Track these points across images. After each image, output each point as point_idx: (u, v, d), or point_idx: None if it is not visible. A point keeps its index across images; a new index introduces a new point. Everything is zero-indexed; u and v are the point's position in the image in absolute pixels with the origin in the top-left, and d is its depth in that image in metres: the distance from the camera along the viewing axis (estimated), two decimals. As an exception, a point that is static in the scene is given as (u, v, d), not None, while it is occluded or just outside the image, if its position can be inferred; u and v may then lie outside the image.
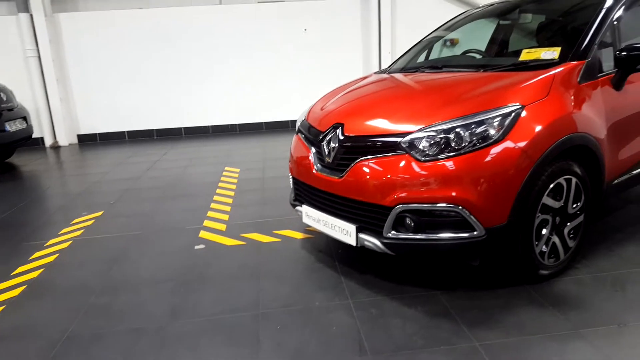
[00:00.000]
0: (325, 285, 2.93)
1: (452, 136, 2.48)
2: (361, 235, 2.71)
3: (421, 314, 2.55)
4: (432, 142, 2.50)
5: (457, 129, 2.48)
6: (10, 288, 3.14)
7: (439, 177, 2.44)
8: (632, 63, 2.86)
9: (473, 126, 2.47)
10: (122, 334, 2.54)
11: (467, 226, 2.46)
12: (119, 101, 8.75)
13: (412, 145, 2.53)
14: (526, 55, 3.05)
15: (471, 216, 2.43)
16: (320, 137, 3.01)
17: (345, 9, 8.81)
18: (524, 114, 2.50)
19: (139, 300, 2.89)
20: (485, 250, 2.55)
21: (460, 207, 2.43)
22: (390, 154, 2.59)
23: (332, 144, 2.87)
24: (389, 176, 2.54)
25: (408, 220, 2.54)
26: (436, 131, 2.51)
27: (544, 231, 2.68)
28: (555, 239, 2.75)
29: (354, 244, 2.74)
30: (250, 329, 2.52)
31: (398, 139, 2.58)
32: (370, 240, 2.66)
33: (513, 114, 2.48)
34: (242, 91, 8.93)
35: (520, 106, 2.51)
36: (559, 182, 2.64)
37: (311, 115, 3.37)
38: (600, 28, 2.91)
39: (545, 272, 2.75)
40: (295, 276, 3.09)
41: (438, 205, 2.46)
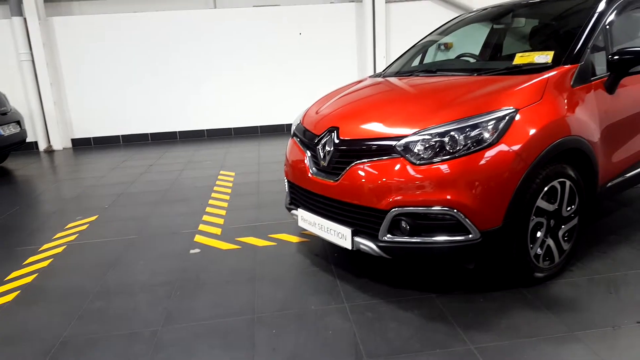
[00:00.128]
0: (321, 289, 2.93)
1: (446, 139, 2.49)
2: (357, 239, 2.71)
3: (417, 317, 2.56)
4: (427, 145, 2.51)
5: (452, 133, 2.49)
6: (3, 293, 3.12)
7: (434, 180, 2.45)
8: (624, 67, 2.89)
9: (467, 130, 2.48)
10: (117, 339, 2.53)
11: (462, 229, 2.47)
12: (114, 105, 8.73)
13: (407, 148, 2.54)
14: (520, 59, 3.07)
15: (466, 219, 2.44)
16: (316, 141, 3.01)
17: (340, 13, 8.84)
18: (518, 117, 2.52)
19: (133, 304, 2.88)
20: (480, 253, 2.56)
21: (455, 210, 2.44)
22: (385, 158, 2.59)
23: (327, 148, 2.88)
24: (384, 180, 2.55)
25: (403, 224, 2.54)
26: (431, 135, 2.52)
27: (539, 234, 2.69)
28: (550, 242, 2.76)
29: (349, 247, 2.74)
30: (246, 333, 2.51)
31: (393, 143, 2.59)
32: (366, 244, 2.67)
33: (507, 118, 2.50)
34: (237, 95, 8.92)
35: (514, 110, 2.53)
36: (553, 185, 2.65)
37: (306, 118, 3.38)
38: (593, 32, 2.94)
39: (540, 274, 2.76)
40: (291, 280, 3.08)
41: (433, 208, 2.47)
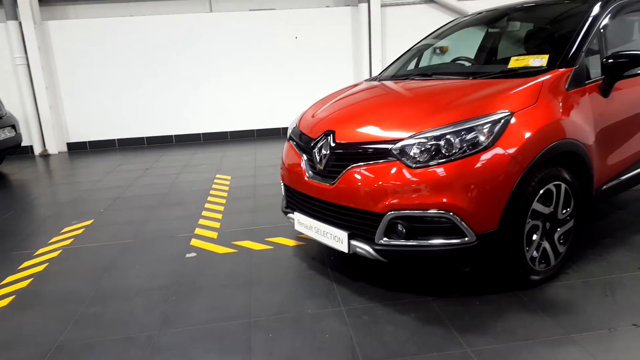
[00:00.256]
0: (318, 292, 2.93)
1: (442, 143, 2.49)
2: (353, 242, 2.71)
3: (413, 320, 2.56)
4: (423, 148, 2.52)
5: (448, 136, 2.49)
6: (-2, 298, 3.11)
7: (429, 183, 2.45)
8: (618, 70, 2.91)
9: (463, 133, 2.49)
10: (113, 344, 2.52)
11: (458, 232, 2.47)
12: (109, 109, 8.71)
13: (403, 152, 2.55)
14: (515, 62, 3.08)
15: (462, 222, 2.44)
16: (312, 144, 3.01)
17: (336, 17, 8.87)
18: (513, 120, 2.53)
19: (129, 309, 2.87)
20: (476, 256, 2.56)
21: (451, 214, 2.44)
22: (381, 161, 2.60)
23: (323, 151, 2.88)
24: (380, 183, 2.55)
25: (400, 227, 2.54)
26: (427, 138, 2.53)
27: (535, 237, 2.70)
28: (546, 245, 2.77)
29: (346, 250, 2.74)
30: (242, 337, 2.51)
31: (389, 146, 2.59)
32: (362, 247, 2.67)
33: (502, 121, 2.51)
34: (233, 98, 8.93)
35: (509, 113, 2.54)
36: (548, 188, 2.66)
37: (302, 122, 3.38)
38: (587, 36, 2.95)
39: (536, 277, 2.76)
40: (287, 284, 3.08)
41: (429, 211, 2.47)
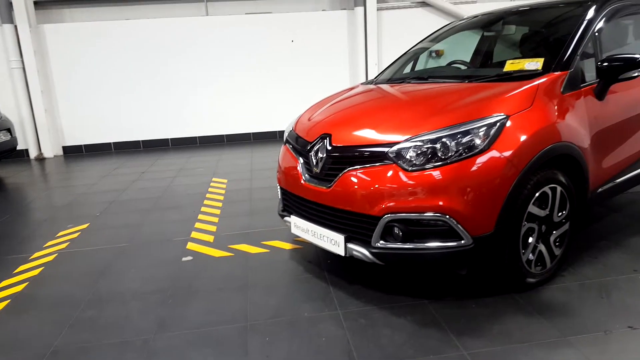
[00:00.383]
0: (314, 296, 2.92)
1: (438, 146, 2.50)
2: (350, 245, 2.71)
3: (410, 323, 2.56)
4: (419, 152, 2.52)
5: (444, 139, 2.50)
6: (-7, 302, 3.09)
7: (426, 186, 2.46)
8: (613, 73, 2.93)
9: (459, 136, 2.50)
10: (108, 348, 2.51)
11: (454, 235, 2.48)
12: (105, 112, 8.69)
13: (399, 155, 2.55)
14: (510, 66, 3.10)
15: (458, 225, 2.45)
16: (308, 148, 3.01)
17: (332, 20, 8.88)
18: (508, 123, 2.53)
19: (125, 313, 2.86)
20: (472, 259, 2.56)
21: (447, 216, 2.44)
22: (377, 164, 2.60)
23: (319, 154, 2.88)
24: (376, 186, 2.56)
25: (396, 230, 2.55)
26: (423, 141, 2.53)
27: (531, 239, 2.70)
28: (542, 247, 2.78)
29: (342, 254, 2.74)
30: (238, 341, 2.50)
31: (385, 149, 2.60)
32: (359, 250, 2.67)
33: (498, 124, 2.52)
34: (229, 102, 8.92)
35: (505, 116, 2.55)
36: (544, 191, 2.67)
37: (299, 125, 3.38)
38: (582, 39, 2.97)
39: (532, 280, 2.77)
40: (284, 287, 3.07)
41: (426, 214, 2.47)
